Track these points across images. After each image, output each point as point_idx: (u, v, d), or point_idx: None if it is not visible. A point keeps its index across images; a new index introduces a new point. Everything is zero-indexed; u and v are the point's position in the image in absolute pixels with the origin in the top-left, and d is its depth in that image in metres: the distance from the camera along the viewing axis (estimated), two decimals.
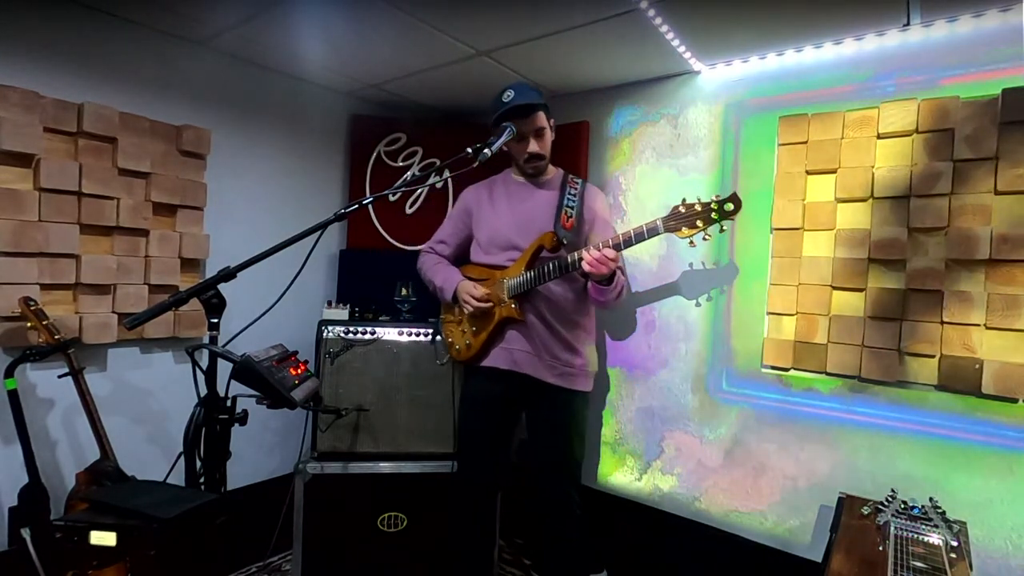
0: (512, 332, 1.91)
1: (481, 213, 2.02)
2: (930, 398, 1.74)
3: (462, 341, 2.01)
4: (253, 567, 2.33)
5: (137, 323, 1.33)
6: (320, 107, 2.73)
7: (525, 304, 1.88)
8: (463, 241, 2.09)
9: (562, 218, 1.85)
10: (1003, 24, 1.66)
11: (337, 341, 2.21)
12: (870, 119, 1.83)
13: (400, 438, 2.24)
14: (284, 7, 1.87)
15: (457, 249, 2.11)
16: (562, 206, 1.87)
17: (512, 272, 1.88)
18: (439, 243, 2.13)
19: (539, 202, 1.93)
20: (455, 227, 2.10)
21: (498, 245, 1.95)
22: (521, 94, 1.79)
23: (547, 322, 1.88)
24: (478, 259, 2.02)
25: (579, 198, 1.90)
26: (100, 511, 1.25)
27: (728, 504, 2.13)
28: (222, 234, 2.36)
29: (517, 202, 1.96)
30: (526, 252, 1.86)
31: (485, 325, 1.93)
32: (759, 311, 2.06)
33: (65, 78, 1.93)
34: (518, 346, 1.90)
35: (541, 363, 1.88)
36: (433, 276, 2.06)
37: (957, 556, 1.34)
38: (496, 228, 1.96)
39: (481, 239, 2.01)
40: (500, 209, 1.98)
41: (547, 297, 1.87)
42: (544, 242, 1.83)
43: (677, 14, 1.79)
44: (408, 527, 2.22)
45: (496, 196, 2.01)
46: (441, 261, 2.10)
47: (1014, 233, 1.60)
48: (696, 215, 1.63)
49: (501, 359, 1.92)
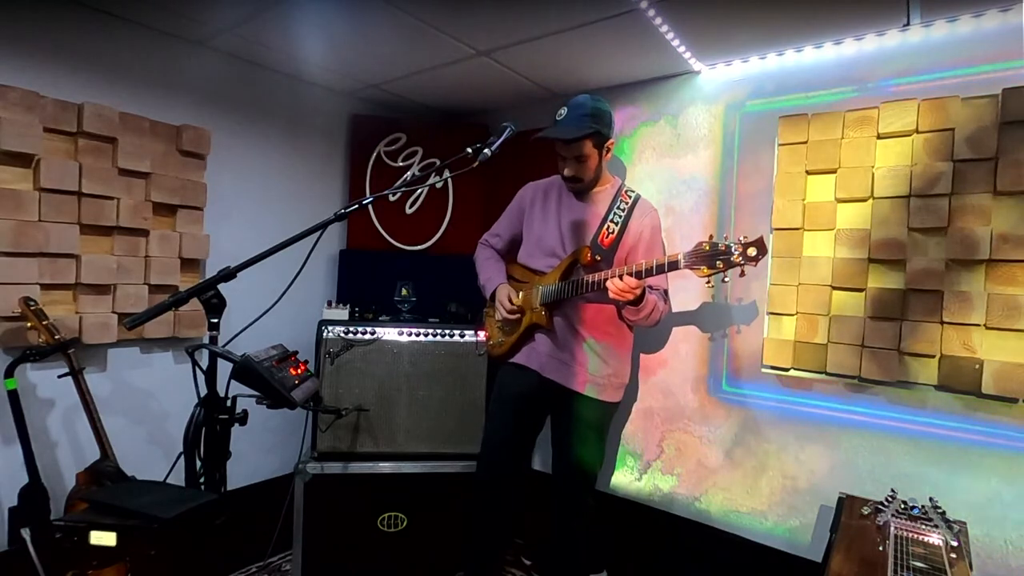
0: (541, 336, 1.94)
1: (532, 214, 2.04)
2: (930, 398, 1.74)
3: (496, 338, 2.08)
4: (253, 567, 2.32)
5: (137, 323, 1.33)
6: (320, 107, 2.73)
7: (556, 312, 1.90)
8: (515, 236, 2.12)
9: (602, 234, 1.85)
10: (1003, 24, 1.66)
11: (337, 341, 2.21)
12: (870, 119, 1.83)
13: (400, 438, 2.24)
14: (284, 7, 1.87)
15: (510, 243, 2.14)
16: (605, 221, 1.87)
17: (547, 280, 1.90)
18: (494, 236, 2.16)
19: (586, 213, 1.93)
20: (509, 222, 2.13)
21: (541, 250, 1.97)
22: (570, 120, 1.76)
23: (576, 331, 1.89)
24: (523, 260, 2.05)
25: (626, 214, 1.87)
26: (100, 511, 1.24)
27: (728, 504, 2.13)
28: (222, 234, 2.36)
29: (566, 209, 1.96)
30: (562, 263, 1.88)
31: (515, 328, 1.98)
32: (759, 311, 2.06)
33: (65, 78, 1.93)
34: (546, 350, 1.92)
35: (568, 370, 1.89)
36: (480, 270, 2.11)
37: (957, 556, 1.34)
38: (541, 233, 1.98)
39: (528, 239, 2.04)
40: (549, 214, 1.99)
41: (579, 305, 1.88)
42: (580, 256, 1.83)
43: (677, 14, 1.79)
44: (408, 527, 2.22)
45: (549, 200, 2.01)
46: (492, 256, 2.13)
47: (1014, 233, 1.60)
48: (718, 255, 1.57)
49: (529, 358, 1.95)
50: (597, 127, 1.77)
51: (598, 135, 1.79)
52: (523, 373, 1.96)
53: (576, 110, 1.77)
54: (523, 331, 1.95)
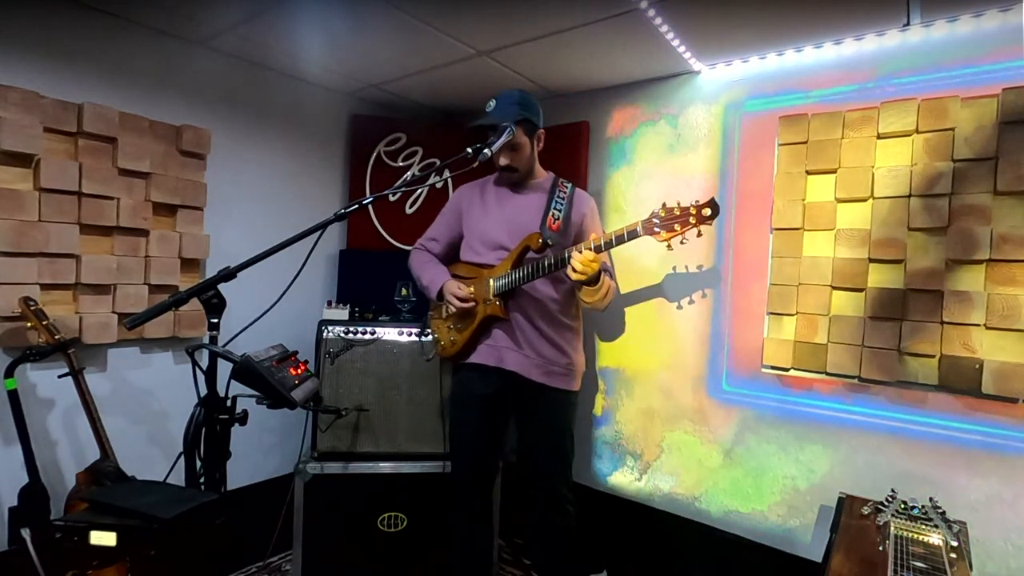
0: (498, 330, 1.93)
1: (471, 213, 2.04)
2: (930, 398, 1.74)
3: (447, 337, 2.04)
4: (253, 567, 2.33)
5: (137, 323, 1.33)
6: (320, 107, 2.73)
7: (511, 303, 1.90)
8: (454, 239, 2.11)
9: (548, 220, 1.88)
10: (1003, 24, 1.66)
11: (337, 341, 2.21)
12: (870, 119, 1.83)
13: (400, 438, 2.24)
14: (284, 7, 1.87)
15: (448, 247, 2.12)
16: (549, 208, 1.91)
17: (498, 271, 1.91)
18: (430, 240, 2.15)
19: (528, 204, 1.96)
20: (446, 225, 2.12)
21: (486, 244, 1.98)
22: (500, 107, 1.83)
23: (533, 321, 1.90)
24: (467, 258, 2.04)
25: (567, 202, 1.94)
26: (100, 511, 1.25)
27: (728, 504, 2.13)
28: (222, 234, 2.36)
29: (507, 203, 1.99)
30: (513, 252, 1.89)
31: (469, 322, 1.95)
32: (759, 311, 2.06)
33: (65, 78, 1.93)
34: (504, 344, 1.91)
35: (528, 361, 1.90)
36: (421, 274, 2.08)
37: (957, 556, 1.34)
38: (485, 228, 1.99)
39: (470, 238, 2.04)
40: (490, 209, 2.00)
41: (533, 297, 1.89)
42: (530, 242, 1.85)
43: (677, 14, 1.79)
44: (408, 527, 2.22)
45: (487, 196, 2.04)
46: (431, 259, 2.11)
47: (1014, 233, 1.60)
48: (675, 219, 1.65)
49: (487, 356, 1.93)
50: (526, 115, 1.84)
51: (528, 123, 1.86)
52: (482, 374, 1.94)
53: (505, 99, 1.84)
54: (477, 326, 1.93)
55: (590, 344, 2.47)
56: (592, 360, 2.48)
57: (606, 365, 2.47)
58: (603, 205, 2.48)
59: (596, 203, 2.08)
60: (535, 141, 1.94)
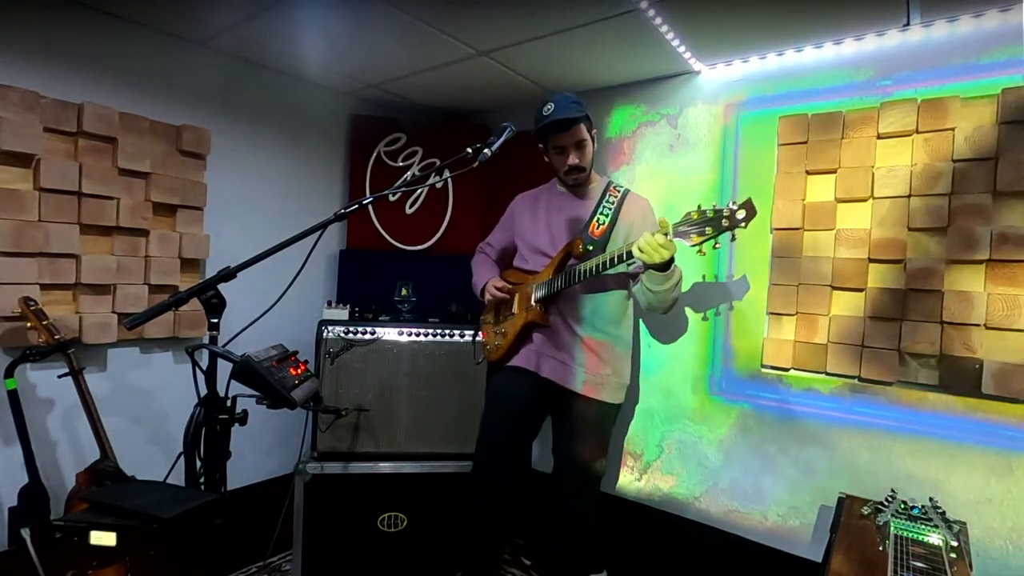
0: (539, 336, 1.93)
1: (523, 221, 2.06)
2: (930, 398, 1.74)
3: (493, 342, 2.06)
4: (253, 567, 2.32)
5: (137, 323, 1.33)
6: (320, 107, 2.73)
7: (551, 309, 1.89)
8: (508, 246, 2.15)
9: (592, 225, 1.85)
10: (1003, 24, 1.66)
11: (337, 341, 2.21)
12: (870, 119, 1.83)
13: (400, 438, 2.24)
14: (284, 7, 1.87)
15: (502, 253, 2.19)
16: (595, 214, 1.87)
17: (541, 277, 1.91)
18: (487, 245, 2.23)
19: (575, 211, 1.94)
20: (501, 232, 2.18)
21: (533, 251, 1.99)
22: (561, 107, 1.78)
23: (572, 329, 1.87)
24: (518, 264, 2.07)
25: (616, 206, 1.88)
26: (100, 511, 1.24)
27: (728, 504, 2.13)
28: (222, 234, 2.36)
29: (556, 211, 1.98)
30: (555, 258, 1.88)
31: (512, 328, 1.96)
32: (759, 311, 2.06)
33: (65, 78, 1.93)
34: (543, 350, 1.91)
35: (565, 369, 1.87)
36: (474, 272, 2.18)
37: (957, 556, 1.34)
38: (534, 235, 2.00)
39: (521, 245, 2.06)
40: (539, 218, 2.01)
41: (575, 303, 1.87)
42: (572, 249, 1.83)
43: (677, 14, 1.79)
44: (408, 527, 2.21)
45: (539, 205, 2.04)
46: (486, 260, 2.19)
47: (1014, 233, 1.60)
48: (707, 221, 1.53)
49: (526, 360, 1.94)
50: (586, 112, 1.83)
51: (588, 119, 1.84)
52: (520, 376, 1.94)
53: (563, 100, 1.81)
54: (520, 331, 1.93)
55: None
56: None
57: None
58: None
59: None
60: (594, 140, 1.89)
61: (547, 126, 1.77)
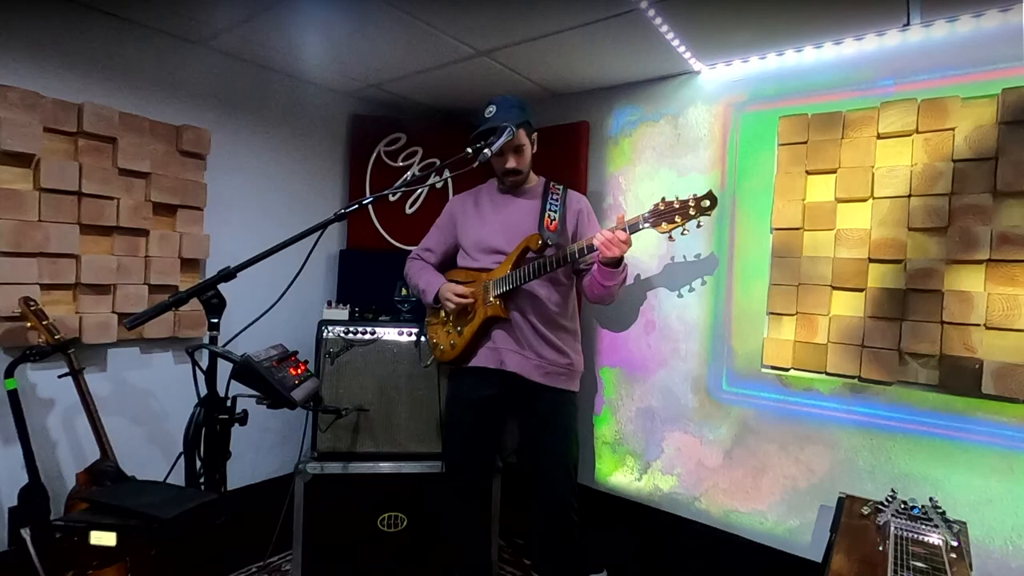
0: (498, 332, 1.93)
1: (466, 221, 2.06)
2: (930, 398, 1.74)
3: (447, 341, 2.02)
4: (253, 567, 2.32)
5: (137, 323, 1.33)
6: (320, 107, 2.73)
7: (510, 304, 1.91)
8: (449, 249, 2.13)
9: (545, 221, 1.90)
10: (1003, 24, 1.66)
11: (337, 341, 2.21)
12: (870, 119, 1.83)
13: (400, 438, 2.24)
14: (284, 7, 1.87)
15: (443, 257, 2.14)
16: (545, 210, 1.93)
17: (497, 273, 1.91)
18: (425, 251, 2.16)
19: (522, 209, 1.97)
20: (441, 235, 2.14)
21: (482, 250, 1.98)
22: (502, 111, 1.83)
23: (532, 323, 1.90)
24: (464, 263, 2.05)
25: (561, 203, 1.96)
26: (100, 511, 1.24)
27: (728, 504, 2.13)
28: (222, 234, 2.36)
29: (501, 209, 2.00)
30: (512, 254, 1.90)
31: (470, 324, 1.95)
32: (759, 311, 2.06)
33: (65, 78, 1.93)
34: (505, 345, 1.91)
35: (528, 363, 1.90)
36: (417, 280, 2.10)
37: (957, 556, 1.34)
38: (481, 234, 2.00)
39: (466, 245, 2.04)
40: (485, 215, 2.02)
41: (532, 298, 1.90)
42: (530, 243, 1.87)
43: (677, 14, 1.79)
44: (408, 527, 2.22)
45: (481, 204, 2.05)
46: (426, 266, 2.13)
47: (1014, 233, 1.60)
48: (675, 211, 1.69)
49: (488, 359, 1.93)
50: (526, 117, 1.86)
51: (528, 125, 1.88)
52: (482, 377, 1.94)
53: (504, 104, 1.86)
54: (478, 328, 1.92)
55: (590, 344, 2.47)
56: (592, 360, 2.48)
57: (606, 365, 2.47)
58: (603, 205, 2.48)
59: (597, 203, 2.08)
60: (533, 143, 1.96)
61: (483, 132, 1.80)
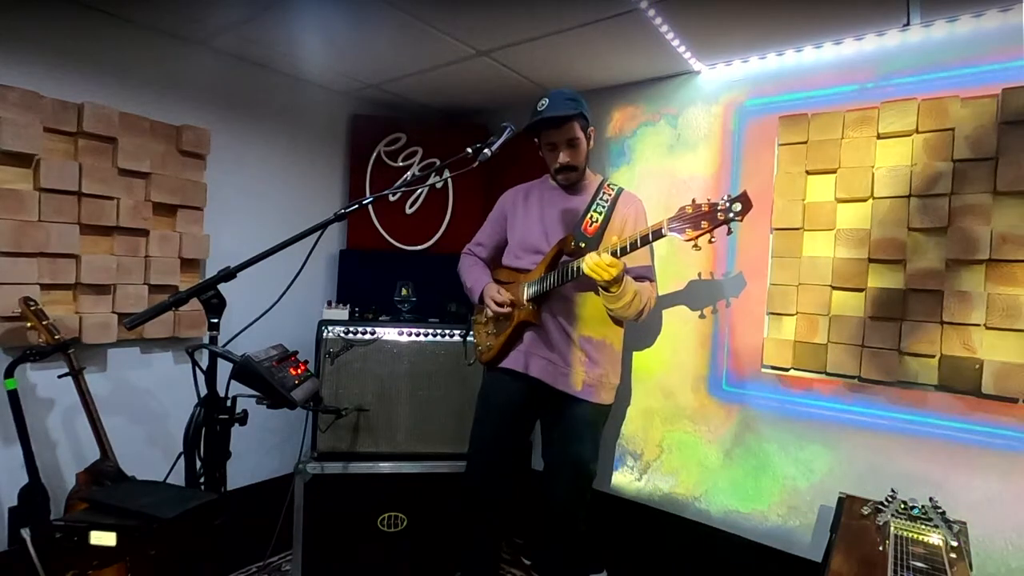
0: (529, 335, 1.89)
1: (515, 217, 2.02)
2: (930, 398, 1.74)
3: (485, 343, 2.02)
4: (253, 567, 2.32)
5: (137, 323, 1.33)
6: (320, 107, 2.73)
7: (543, 308, 1.86)
8: (499, 243, 2.10)
9: (585, 222, 1.83)
10: (1003, 24, 1.66)
11: (337, 341, 2.21)
12: (870, 119, 1.83)
13: (400, 438, 2.24)
14: (284, 7, 1.87)
15: (493, 251, 2.12)
16: (589, 210, 1.85)
17: (533, 275, 1.88)
18: (477, 245, 2.15)
19: (569, 208, 1.91)
20: (491, 230, 2.12)
21: (525, 249, 1.95)
22: (555, 103, 1.76)
23: (563, 328, 1.85)
24: (507, 262, 2.02)
25: (610, 204, 1.86)
26: (100, 511, 1.24)
27: (728, 504, 2.13)
28: (222, 234, 2.36)
29: (548, 207, 1.95)
30: (547, 255, 1.85)
31: (505, 327, 1.93)
32: (759, 311, 2.06)
33: (65, 78, 1.93)
34: (533, 350, 1.88)
35: (554, 369, 1.85)
36: (466, 277, 2.09)
37: (957, 556, 1.34)
38: (525, 232, 1.96)
39: (512, 242, 2.02)
40: (532, 213, 1.97)
41: (567, 302, 1.85)
42: (564, 245, 1.81)
43: (677, 14, 1.79)
44: (408, 527, 2.22)
45: (530, 201, 2.00)
46: (477, 263, 2.11)
47: (1014, 233, 1.60)
48: (702, 216, 1.53)
49: (516, 361, 1.90)
50: (581, 110, 1.79)
51: (583, 118, 1.80)
52: (510, 379, 1.91)
53: (558, 96, 1.78)
54: (512, 331, 1.90)
55: None
56: None
57: None
58: None
59: None
60: (589, 138, 1.86)
61: (538, 122, 1.76)
